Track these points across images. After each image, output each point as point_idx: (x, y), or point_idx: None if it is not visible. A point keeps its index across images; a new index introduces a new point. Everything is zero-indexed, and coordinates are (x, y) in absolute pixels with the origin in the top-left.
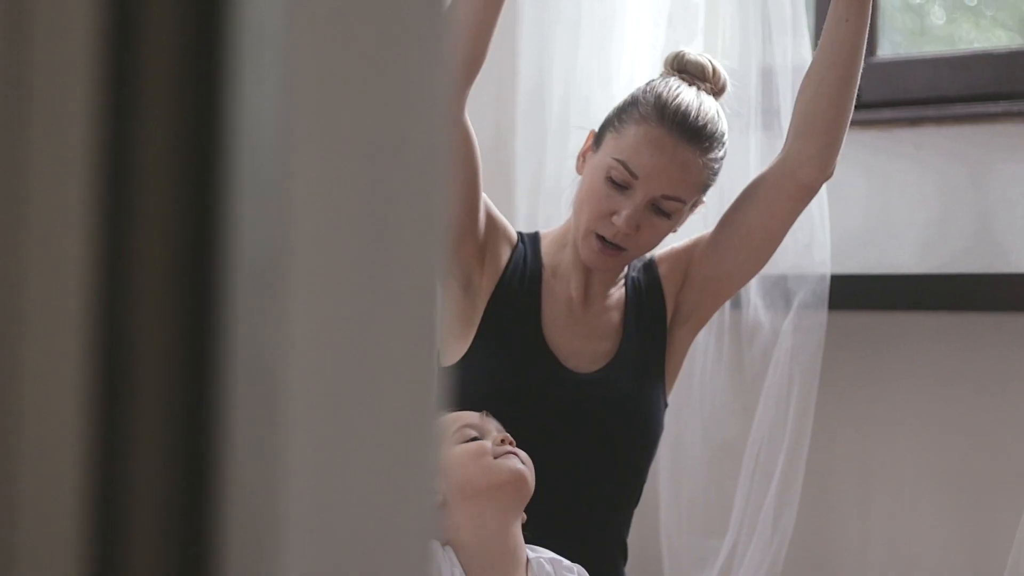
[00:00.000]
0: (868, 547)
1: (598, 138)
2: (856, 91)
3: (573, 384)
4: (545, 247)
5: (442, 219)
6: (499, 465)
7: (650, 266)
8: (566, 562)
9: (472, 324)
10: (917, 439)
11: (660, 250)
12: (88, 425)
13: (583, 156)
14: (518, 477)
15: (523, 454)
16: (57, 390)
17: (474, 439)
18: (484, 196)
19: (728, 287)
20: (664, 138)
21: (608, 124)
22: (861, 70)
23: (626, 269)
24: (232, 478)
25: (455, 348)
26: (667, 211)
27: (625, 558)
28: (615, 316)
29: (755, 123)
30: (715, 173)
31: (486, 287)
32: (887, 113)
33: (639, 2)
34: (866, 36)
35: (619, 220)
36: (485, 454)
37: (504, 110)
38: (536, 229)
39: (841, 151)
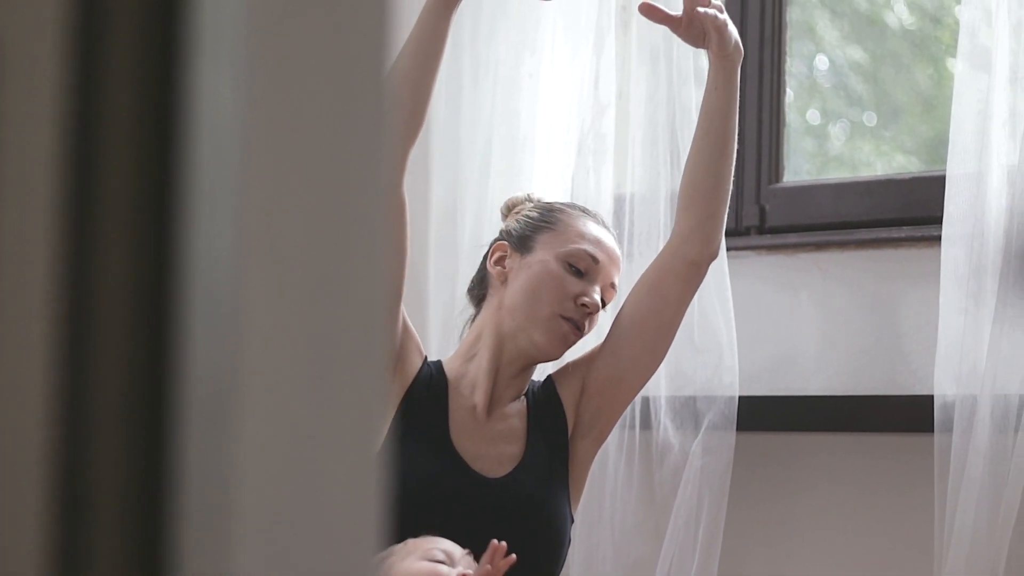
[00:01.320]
0: None
1: (522, 243)
2: (732, 163)
3: (481, 487)
4: (447, 364)
5: (381, 341)
6: (419, 570)
7: (547, 382)
8: None
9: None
10: (824, 556)
11: (554, 367)
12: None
13: (500, 264)
14: None
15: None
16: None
17: (439, 562)
18: (402, 307)
19: (626, 389)
20: (601, 231)
21: (534, 228)
22: (735, 141)
23: (527, 384)
24: (187, 496)
25: None
26: (607, 300)
27: None
28: (518, 424)
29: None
30: None
31: (396, 392)
32: (792, 238)
33: (549, 129)
34: (736, 103)
35: (591, 299)
36: None
37: (417, 235)
38: (450, 352)
39: (723, 229)
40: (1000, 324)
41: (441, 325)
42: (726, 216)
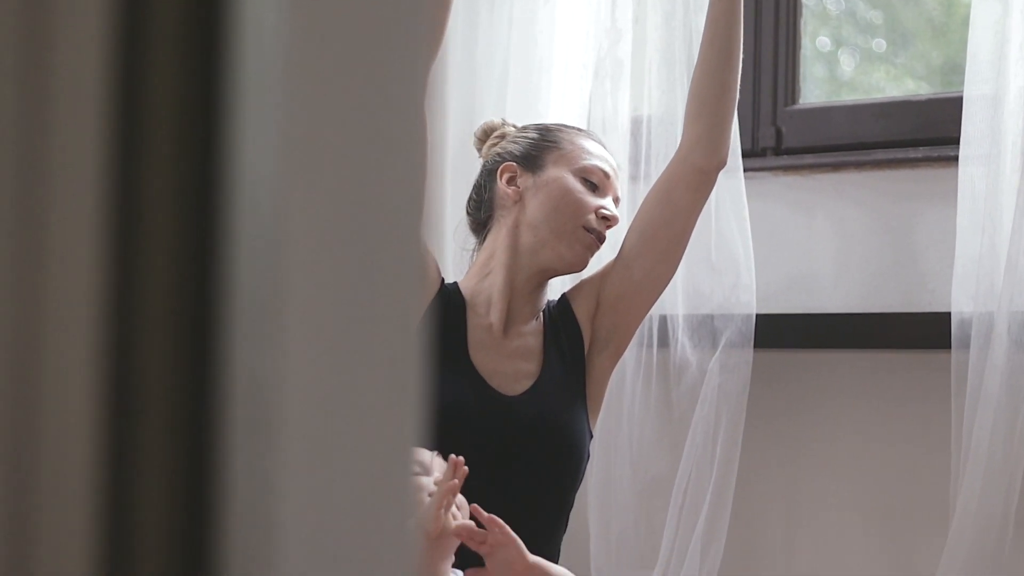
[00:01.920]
0: None
1: (531, 162)
2: (737, 73)
3: (499, 405)
4: (462, 285)
5: (417, 259)
6: (427, 514)
7: (562, 300)
8: None
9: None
10: (841, 473)
11: (570, 284)
12: (98, 436)
13: (513, 183)
14: (440, 532)
15: (460, 499)
16: (70, 401)
17: (416, 474)
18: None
19: (640, 302)
20: (603, 149)
21: (538, 148)
22: (740, 50)
23: (544, 303)
24: (231, 491)
25: None
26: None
27: None
28: (534, 342)
29: None
30: None
31: None
32: (809, 159)
33: (566, 54)
34: (739, 12)
35: (610, 210)
36: (419, 491)
37: (435, 159)
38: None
39: (730, 138)
40: (1017, 242)
41: (458, 249)
42: (733, 125)
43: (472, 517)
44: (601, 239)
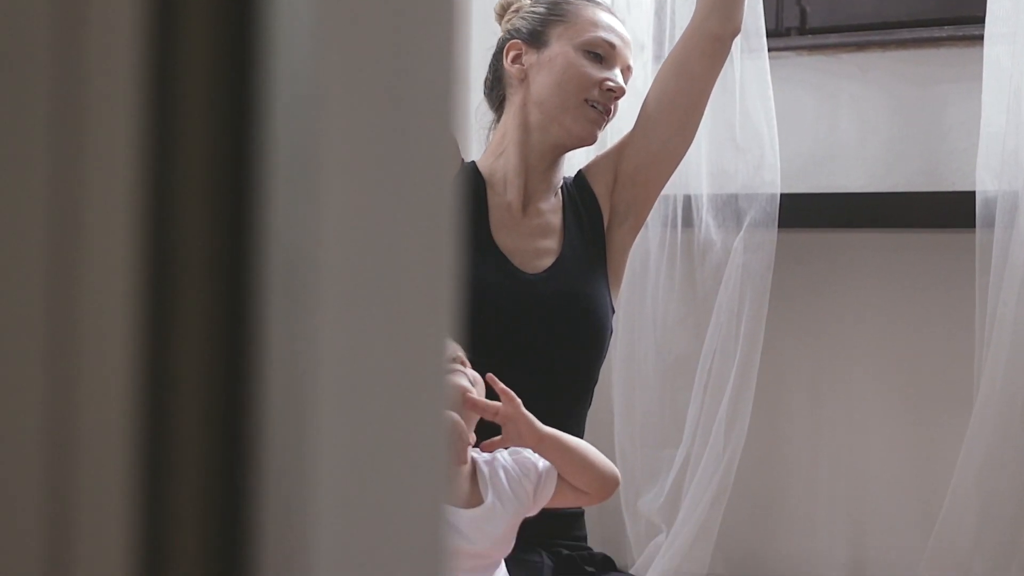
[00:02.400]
0: (818, 457)
1: (535, 39)
2: None
3: (522, 283)
4: (480, 164)
5: (451, 132)
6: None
7: (579, 176)
8: (504, 453)
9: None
10: (865, 352)
11: (586, 159)
12: (135, 418)
13: (518, 61)
14: (458, 390)
15: (473, 374)
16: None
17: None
18: None
19: (658, 173)
20: (613, 18)
21: (544, 23)
22: None
23: (560, 179)
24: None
25: None
26: (625, 81)
27: None
28: (554, 219)
29: None
30: None
31: None
32: (833, 38)
33: None
34: None
35: (615, 82)
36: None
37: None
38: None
39: (744, 5)
40: None
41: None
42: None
43: (488, 389)
44: (608, 112)
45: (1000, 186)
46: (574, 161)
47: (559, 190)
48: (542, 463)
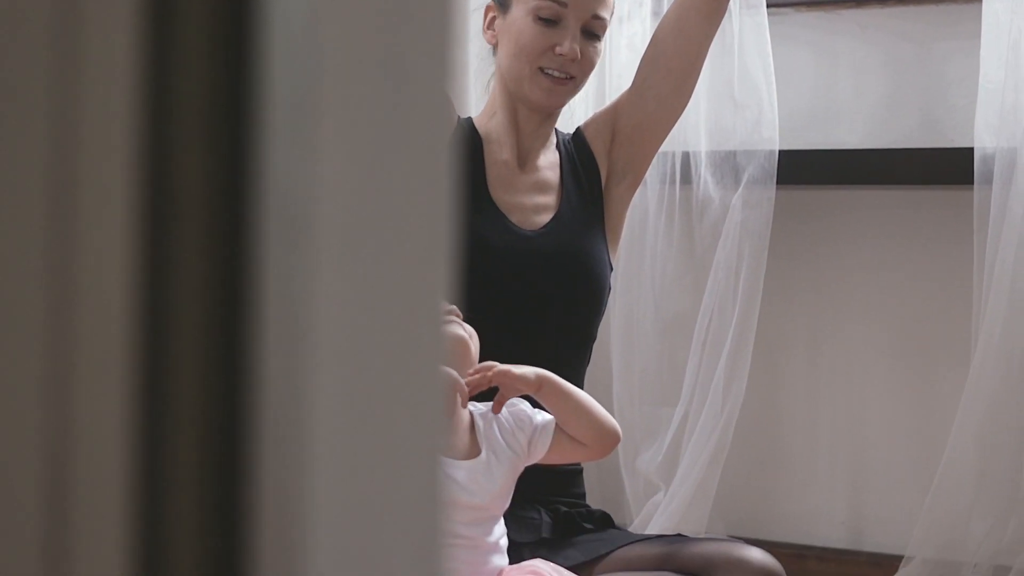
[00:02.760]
0: (816, 415)
1: (502, 3)
2: None
3: (520, 239)
4: (477, 121)
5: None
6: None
7: (577, 134)
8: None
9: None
10: (863, 309)
11: (584, 118)
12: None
13: (490, 27)
14: (455, 341)
15: (468, 328)
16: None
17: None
18: None
19: (655, 132)
20: None
21: None
22: None
23: (555, 136)
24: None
25: None
26: (598, 32)
27: None
28: (551, 175)
29: None
30: None
31: None
32: None
33: None
34: None
35: (564, 48)
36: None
37: None
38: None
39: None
40: None
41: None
42: None
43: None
44: (564, 77)
45: (999, 142)
46: (576, 118)
47: (556, 147)
48: (539, 416)
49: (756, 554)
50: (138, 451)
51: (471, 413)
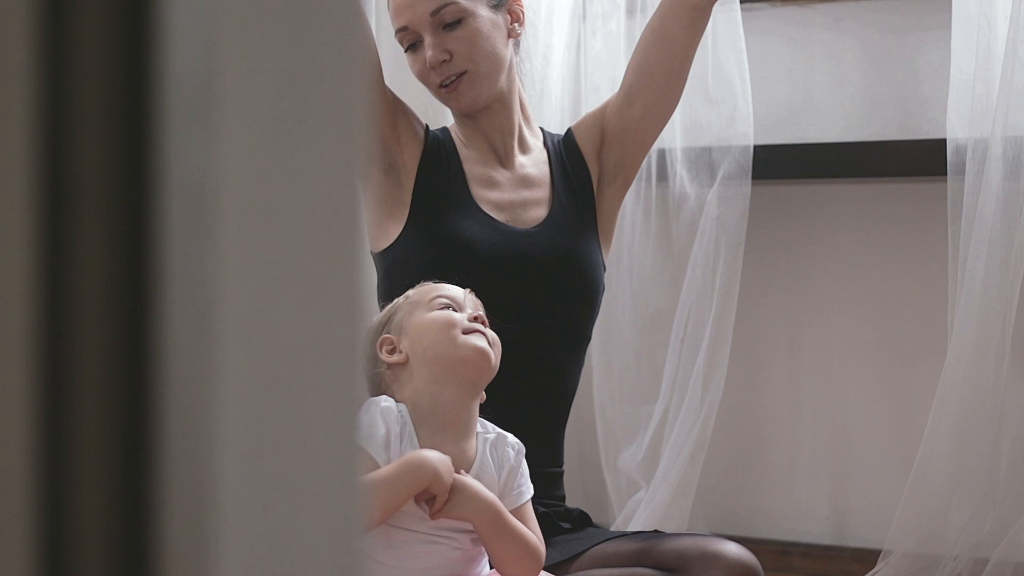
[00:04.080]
0: (797, 410)
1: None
2: None
3: (512, 238)
4: (453, 129)
5: (361, 60)
6: (465, 341)
7: (568, 135)
8: (510, 438)
9: (403, 203)
10: (841, 302)
11: (559, 117)
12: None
13: None
14: (481, 355)
15: (492, 335)
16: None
17: (448, 308)
18: (386, 85)
19: (644, 135)
20: None
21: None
22: None
23: (540, 132)
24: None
25: (391, 230)
26: (453, 19)
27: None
28: (536, 171)
29: None
30: None
31: (409, 164)
32: None
33: None
34: None
35: (429, 60)
36: (454, 326)
37: None
38: None
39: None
40: (1011, 64)
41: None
42: None
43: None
44: (452, 76)
45: (971, 133)
46: (548, 117)
47: (544, 144)
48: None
49: (731, 548)
50: (42, 443)
51: (476, 434)
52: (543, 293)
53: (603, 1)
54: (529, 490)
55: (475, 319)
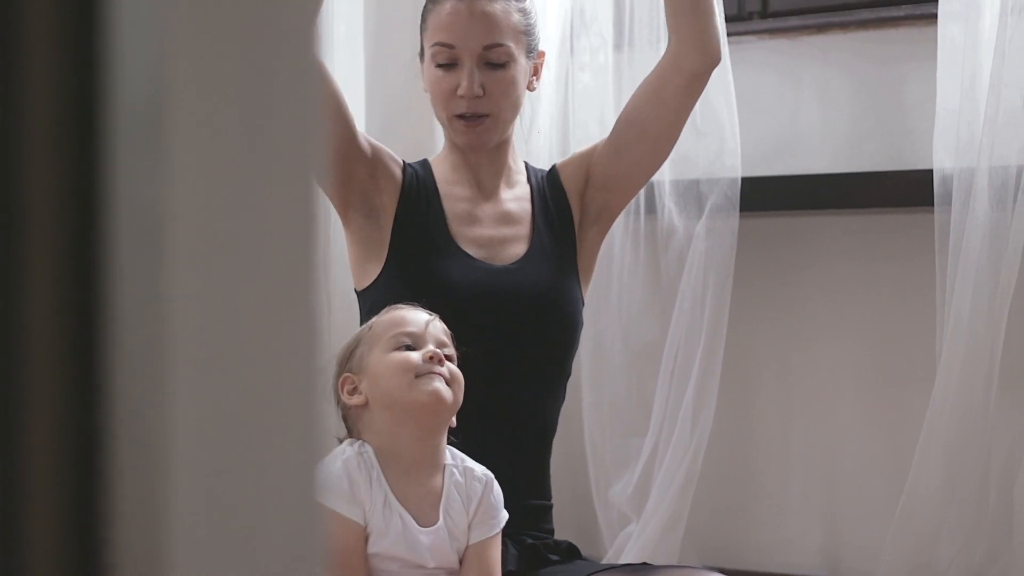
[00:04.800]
0: (787, 442)
1: (421, 51)
2: None
3: (490, 274)
4: (433, 163)
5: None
6: (418, 386)
7: (552, 172)
8: (478, 470)
9: (383, 244)
10: (830, 334)
11: (562, 158)
12: None
13: (422, 77)
14: (436, 400)
15: (453, 370)
16: None
17: (408, 347)
18: (359, 132)
19: (629, 185)
20: (457, 4)
21: (421, 30)
22: None
23: (524, 168)
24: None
25: (371, 270)
26: (499, 61)
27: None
28: (517, 208)
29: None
30: (527, 15)
31: (388, 205)
32: (794, 21)
33: None
34: None
35: (463, 89)
36: (409, 370)
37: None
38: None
39: (719, 34)
40: (996, 95)
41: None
42: (718, 25)
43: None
44: (477, 116)
45: (957, 163)
46: (536, 148)
47: (528, 181)
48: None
49: None
50: None
51: (444, 466)
52: (521, 329)
53: (591, 35)
54: (501, 520)
55: (431, 358)
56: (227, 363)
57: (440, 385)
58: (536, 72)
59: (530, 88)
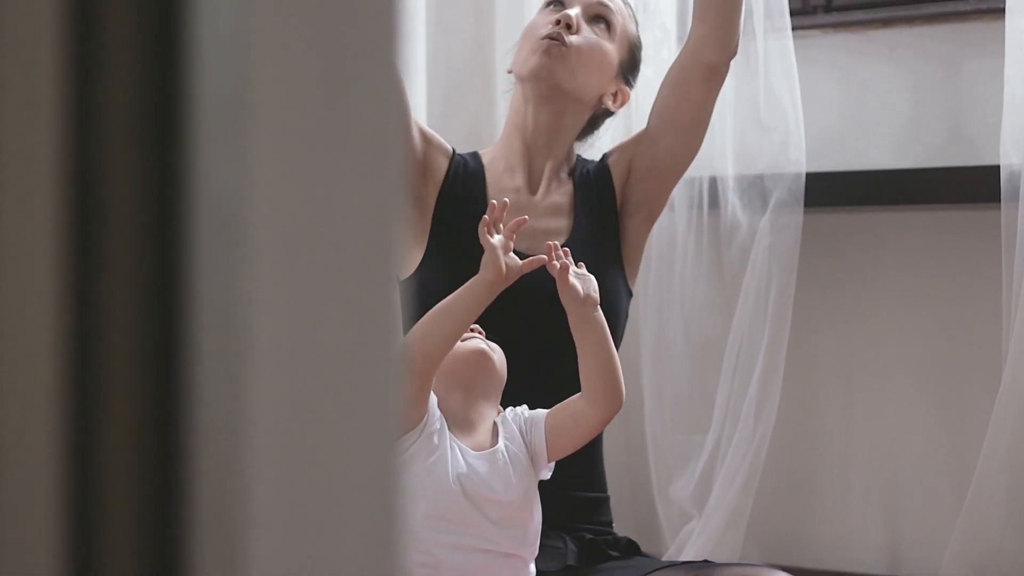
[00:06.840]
0: (849, 438)
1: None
2: None
3: None
4: (484, 154)
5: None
6: (462, 345)
7: (602, 162)
8: (506, 415)
9: (423, 232)
10: (894, 330)
11: (610, 145)
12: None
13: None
14: (478, 353)
15: (494, 344)
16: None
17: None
18: (413, 119)
19: (667, 175)
20: None
21: None
22: None
23: (575, 162)
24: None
25: (410, 260)
26: (604, 17)
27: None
28: (563, 200)
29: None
30: (637, 40)
31: (431, 194)
32: (859, 15)
33: None
34: None
35: (566, 16)
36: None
37: (484, 22)
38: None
39: (740, 30)
40: None
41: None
42: (741, 19)
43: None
44: (556, 40)
45: None
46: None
47: (570, 174)
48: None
49: None
50: (71, 455)
51: (496, 423)
52: (558, 320)
53: (654, 29)
54: (541, 411)
55: (471, 331)
56: (305, 356)
57: (480, 342)
58: (619, 97)
59: (606, 106)
